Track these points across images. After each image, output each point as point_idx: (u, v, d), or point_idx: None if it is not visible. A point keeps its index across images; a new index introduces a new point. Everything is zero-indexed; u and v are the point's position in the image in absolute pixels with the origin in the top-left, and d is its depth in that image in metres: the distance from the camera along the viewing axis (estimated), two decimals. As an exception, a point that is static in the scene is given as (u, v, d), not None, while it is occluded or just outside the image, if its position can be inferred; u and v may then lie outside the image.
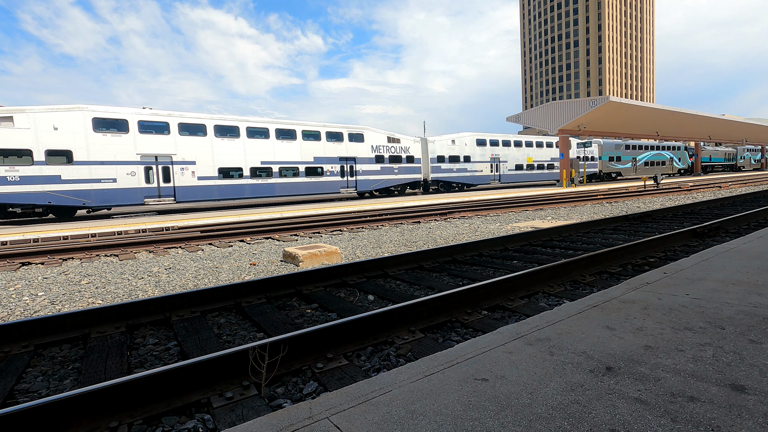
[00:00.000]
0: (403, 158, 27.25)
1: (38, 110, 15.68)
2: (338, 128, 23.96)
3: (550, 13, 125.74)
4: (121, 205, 17.69)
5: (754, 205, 13.26)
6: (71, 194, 16.28)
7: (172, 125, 18.40)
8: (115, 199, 17.35)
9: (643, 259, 5.78)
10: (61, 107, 16.15)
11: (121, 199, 17.50)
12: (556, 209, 14.94)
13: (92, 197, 16.81)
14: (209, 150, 19.39)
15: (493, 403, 1.63)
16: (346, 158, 24.19)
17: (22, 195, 15.42)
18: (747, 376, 1.76)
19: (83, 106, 16.55)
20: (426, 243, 8.43)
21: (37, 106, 15.69)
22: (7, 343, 3.40)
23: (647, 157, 43.29)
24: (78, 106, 16.48)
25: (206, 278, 5.98)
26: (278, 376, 2.72)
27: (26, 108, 15.45)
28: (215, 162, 19.59)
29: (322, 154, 23.23)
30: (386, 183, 26.46)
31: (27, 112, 15.48)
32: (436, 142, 29.24)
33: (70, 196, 16.26)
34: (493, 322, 3.57)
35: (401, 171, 27.15)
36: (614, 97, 25.75)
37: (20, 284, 5.98)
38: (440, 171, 29.32)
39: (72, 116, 16.23)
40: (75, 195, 16.36)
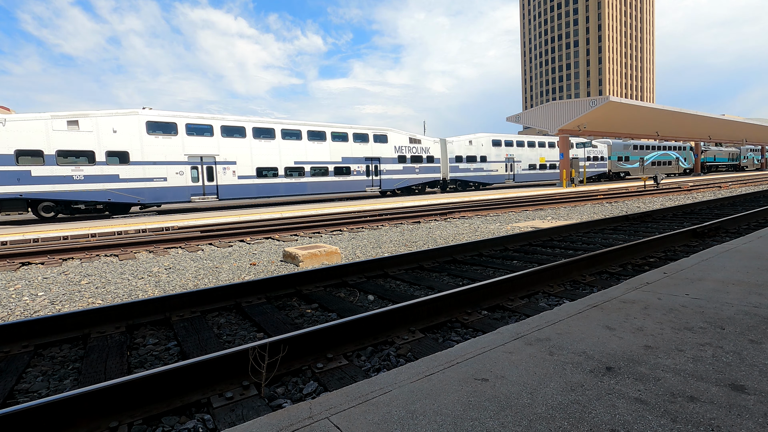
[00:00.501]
0: (424, 158, 28.27)
1: (100, 114, 17.03)
2: (364, 130, 25.15)
3: (550, 13, 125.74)
4: (170, 202, 18.84)
5: (754, 205, 13.26)
6: (128, 192, 17.61)
7: (215, 128, 19.71)
8: (165, 196, 18.61)
9: (643, 259, 5.78)
10: (119, 111, 17.53)
11: (171, 197, 18.73)
12: (556, 209, 14.94)
13: (146, 195, 18.10)
14: (248, 151, 20.63)
15: (493, 403, 1.63)
16: (371, 158, 25.35)
17: (86, 193, 16.79)
18: (747, 376, 1.76)
19: (138, 111, 17.93)
20: (426, 243, 8.43)
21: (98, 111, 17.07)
22: (7, 343, 3.40)
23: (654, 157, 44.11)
24: (134, 110, 17.85)
25: (206, 278, 5.98)
26: (278, 376, 2.72)
27: (89, 112, 16.81)
28: (253, 162, 20.79)
29: (350, 154, 24.40)
30: (408, 182, 27.45)
31: (90, 117, 16.80)
32: (454, 143, 30.08)
33: (126, 193, 17.58)
34: (493, 322, 3.57)
35: (422, 170, 28.14)
36: (614, 97, 25.75)
37: (20, 284, 5.98)
38: (458, 170, 30.23)
39: (129, 120, 17.57)
40: (131, 193, 17.70)
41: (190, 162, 19.00)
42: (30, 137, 15.76)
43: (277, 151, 21.56)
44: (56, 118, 16.11)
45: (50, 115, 16.05)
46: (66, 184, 16.36)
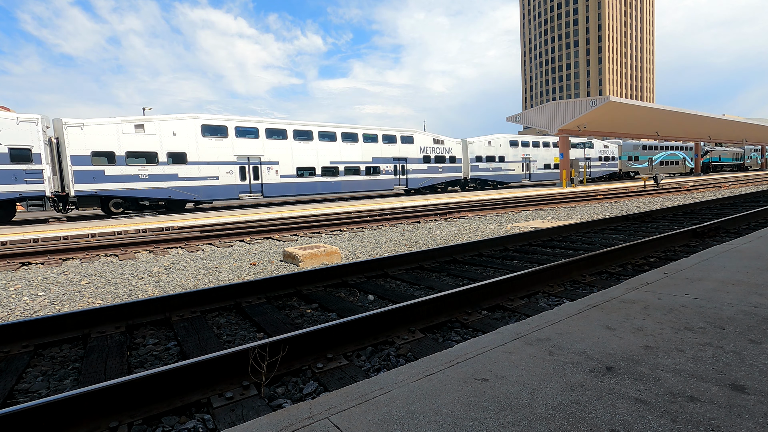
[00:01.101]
0: (447, 158, 29.61)
1: (162, 119, 18.59)
2: (392, 131, 26.61)
3: (550, 13, 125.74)
4: (221, 199, 20.19)
5: (754, 205, 13.26)
6: (185, 190, 19.08)
7: (260, 130, 21.16)
8: (217, 194, 20.00)
9: (643, 259, 5.78)
10: (178, 116, 19.06)
11: (222, 194, 20.11)
12: (556, 209, 14.94)
13: (200, 193, 19.54)
14: (289, 152, 22.16)
15: (493, 403, 1.63)
16: (399, 158, 26.77)
17: (151, 190, 18.29)
18: (747, 376, 1.76)
19: (195, 115, 19.45)
20: (426, 243, 8.43)
21: (161, 116, 18.70)
22: (7, 343, 3.40)
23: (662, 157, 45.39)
24: (191, 114, 19.42)
25: (206, 278, 5.98)
26: (278, 376, 2.72)
27: (153, 117, 18.38)
28: (294, 162, 22.32)
29: (379, 154, 25.89)
30: (432, 181, 28.72)
31: (154, 121, 18.34)
32: (474, 144, 31.33)
33: (184, 191, 19.07)
34: (493, 322, 3.57)
35: (445, 170, 29.51)
36: (614, 97, 25.74)
37: (20, 284, 5.98)
38: (478, 170, 31.52)
39: (186, 123, 19.09)
40: (188, 191, 19.16)
41: (238, 162, 20.44)
42: (103, 140, 17.19)
43: (315, 152, 23.05)
44: (125, 122, 17.67)
45: (120, 119, 17.61)
46: (133, 182, 17.89)
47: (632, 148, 42.40)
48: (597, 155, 39.37)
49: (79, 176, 16.71)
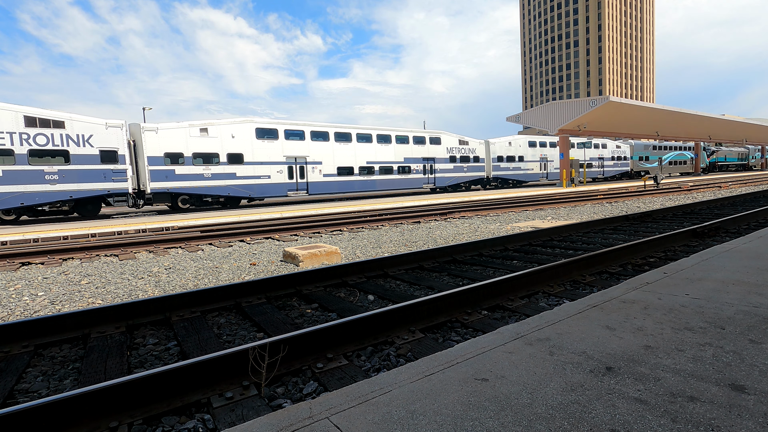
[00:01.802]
0: (471, 158, 31.32)
1: (222, 123, 20.34)
2: (422, 133, 28.41)
3: (550, 13, 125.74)
4: (271, 196, 22.02)
5: (754, 205, 13.26)
6: (242, 188, 20.85)
7: (306, 133, 22.96)
8: (268, 191, 21.80)
9: (643, 259, 5.78)
10: (235, 120, 20.85)
11: (272, 192, 21.92)
12: (556, 209, 14.94)
13: (254, 190, 21.36)
14: (331, 152, 23.93)
15: (493, 403, 1.63)
16: (428, 158, 28.51)
17: (213, 188, 20.04)
18: (747, 376, 1.76)
19: (250, 119, 21.27)
20: (426, 243, 8.43)
21: (221, 120, 20.47)
22: (7, 343, 3.40)
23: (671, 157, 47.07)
24: (247, 118, 21.23)
25: (206, 278, 5.98)
26: (278, 376, 2.72)
27: (214, 121, 20.12)
28: (335, 162, 24.11)
29: (410, 155, 27.65)
30: (457, 180, 30.45)
31: (215, 125, 20.08)
32: (496, 144, 32.88)
33: (241, 189, 20.85)
34: (493, 322, 3.57)
35: (469, 169, 31.26)
36: (614, 97, 25.74)
37: (20, 284, 5.98)
38: (499, 169, 33.11)
39: (243, 127, 20.89)
40: (244, 188, 20.96)
41: (287, 162, 22.30)
42: (174, 142, 18.94)
43: (353, 152, 24.88)
44: (192, 126, 19.48)
45: (188, 124, 19.41)
46: (198, 180, 19.66)
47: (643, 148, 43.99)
48: (610, 155, 41.30)
49: (154, 175, 18.52)
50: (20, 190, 15.61)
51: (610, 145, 41.26)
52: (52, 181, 16.14)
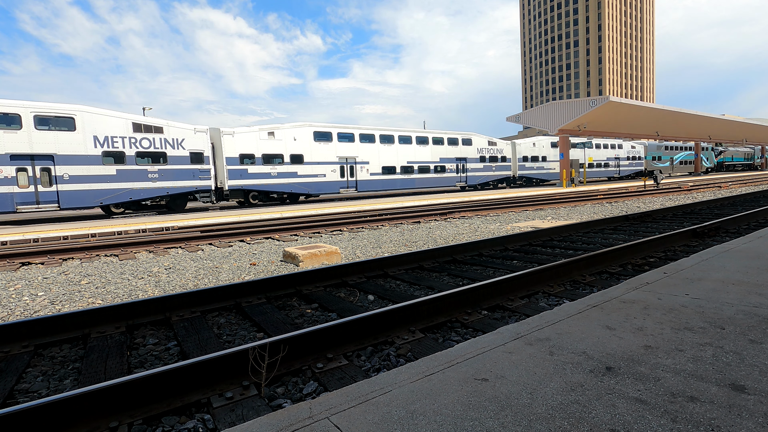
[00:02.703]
0: (499, 158, 33.38)
1: (286, 127, 22.79)
2: (455, 135, 30.50)
3: (550, 13, 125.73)
4: (326, 193, 24.35)
5: (754, 205, 13.26)
6: (302, 185, 23.28)
7: (355, 135, 25.29)
8: (324, 189, 24.09)
9: (643, 259, 5.78)
10: (296, 124, 23.19)
11: (327, 189, 24.22)
12: (556, 209, 14.94)
13: (312, 188, 23.70)
14: (377, 153, 26.23)
15: (493, 403, 1.63)
16: (460, 158, 30.64)
17: (278, 185, 22.56)
18: (747, 376, 1.76)
19: (309, 123, 23.73)
20: (426, 243, 8.43)
21: (285, 124, 22.82)
22: (7, 343, 3.40)
23: (682, 157, 49.41)
24: (307, 123, 23.62)
25: (206, 278, 5.98)
26: (278, 376, 2.72)
27: (279, 125, 22.57)
28: (380, 162, 26.43)
29: (445, 155, 29.76)
30: (487, 178, 32.57)
31: (280, 129, 22.53)
32: (521, 145, 34.82)
33: (301, 186, 23.28)
34: (493, 322, 3.57)
35: (497, 168, 33.35)
36: (614, 97, 25.74)
37: (20, 284, 5.98)
38: (524, 168, 35.15)
39: (303, 130, 23.25)
40: (304, 186, 23.39)
41: (339, 162, 24.60)
42: (247, 144, 21.30)
43: (395, 153, 27.20)
44: (261, 130, 21.87)
45: (258, 128, 21.75)
46: (266, 179, 22.05)
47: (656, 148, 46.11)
48: (626, 155, 43.32)
49: (231, 174, 20.85)
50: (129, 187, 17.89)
51: (626, 146, 43.04)
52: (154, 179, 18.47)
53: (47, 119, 16.04)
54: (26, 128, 15.59)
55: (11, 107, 15.34)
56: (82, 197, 16.84)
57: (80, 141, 16.70)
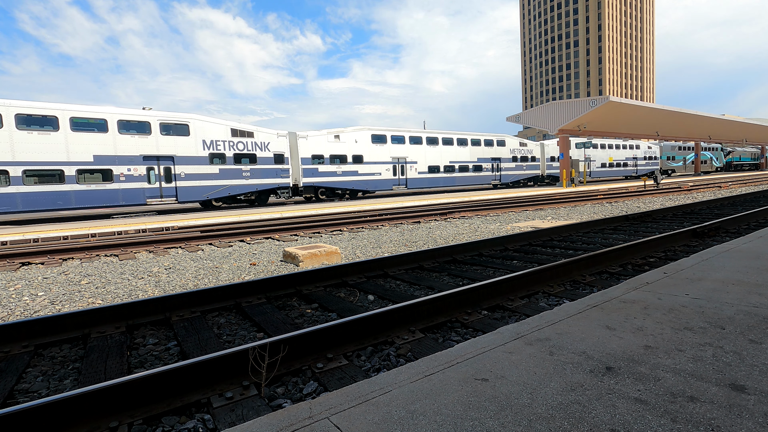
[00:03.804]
0: (529, 158, 35.82)
1: (348, 131, 25.44)
2: (490, 136, 33.12)
3: (550, 13, 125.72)
4: (380, 190, 26.98)
5: (754, 205, 13.26)
6: (361, 183, 25.98)
7: (406, 137, 28.02)
8: (379, 186, 26.81)
9: (643, 259, 5.78)
10: (357, 128, 25.91)
11: (382, 186, 26.94)
12: (556, 209, 14.94)
13: (370, 185, 26.42)
14: (423, 154, 28.89)
15: (493, 403, 1.63)
16: (495, 158, 33.27)
17: (342, 182, 25.10)
18: (747, 376, 1.76)
19: (368, 127, 26.29)
20: (426, 243, 8.43)
21: (347, 128, 25.49)
22: (7, 343, 3.40)
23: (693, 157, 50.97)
24: (366, 126, 26.19)
25: (206, 278, 5.98)
26: (278, 376, 2.72)
27: (343, 129, 25.23)
28: (427, 162, 29.01)
29: (482, 155, 32.38)
30: (518, 177, 35.04)
31: (344, 132, 25.23)
32: (549, 146, 37.00)
33: (361, 184, 25.98)
34: (493, 322, 3.57)
35: (528, 168, 35.74)
36: (614, 97, 25.73)
37: (20, 284, 5.98)
38: (552, 168, 37.45)
39: (362, 133, 26.01)
40: (363, 184, 26.13)
41: (392, 162, 27.31)
42: (318, 146, 24.05)
43: (439, 154, 29.74)
44: (329, 133, 24.62)
45: (326, 131, 24.54)
46: (333, 177, 24.69)
47: (670, 148, 48.60)
48: (643, 155, 45.69)
49: (305, 172, 23.62)
50: (229, 183, 20.79)
51: (643, 146, 45.40)
52: (246, 177, 21.32)
53: (168, 126, 18.99)
54: (154, 134, 18.56)
55: (142, 116, 18.31)
56: (194, 192, 19.71)
57: (193, 144, 19.62)
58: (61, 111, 16.59)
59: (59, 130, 16.56)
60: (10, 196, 15.82)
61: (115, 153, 17.67)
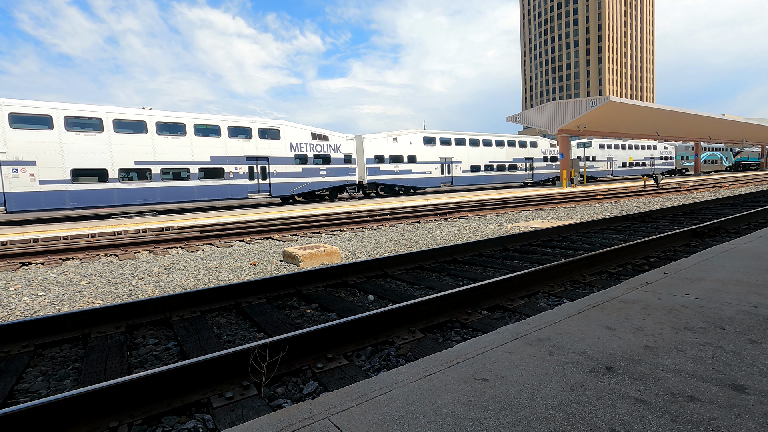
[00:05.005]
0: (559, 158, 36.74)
1: (404, 133, 28.26)
2: (524, 138, 36.27)
3: (550, 13, 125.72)
4: (430, 187, 29.81)
5: (754, 205, 13.26)
6: (414, 180, 28.69)
7: (452, 139, 30.87)
8: (429, 184, 29.43)
9: (643, 259, 5.78)
10: (411, 131, 28.82)
11: (431, 184, 29.59)
12: (556, 209, 14.94)
13: (421, 183, 29.06)
14: (466, 154, 31.87)
15: (493, 403, 1.63)
16: (528, 158, 36.20)
17: (398, 180, 27.88)
18: (747, 376, 1.76)
19: (421, 130, 29.35)
20: (426, 243, 8.43)
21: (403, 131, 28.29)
22: (7, 343, 3.40)
23: (705, 156, 54.26)
24: (419, 129, 29.17)
25: (206, 278, 5.98)
26: (278, 376, 2.72)
27: (400, 132, 28.13)
28: (469, 161, 31.94)
29: (517, 155, 35.34)
30: (548, 175, 37.94)
31: (401, 135, 28.04)
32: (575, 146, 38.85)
33: (414, 181, 28.64)
34: (493, 322, 3.57)
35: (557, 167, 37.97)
36: (614, 97, 25.73)
37: (20, 284, 5.98)
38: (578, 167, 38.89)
39: (416, 136, 28.87)
40: (415, 181, 28.71)
41: (440, 162, 30.08)
42: (379, 148, 26.91)
43: (480, 154, 32.71)
44: (389, 136, 27.45)
45: (386, 134, 27.38)
46: (392, 175, 27.56)
47: (684, 149, 51.28)
48: (659, 155, 48.44)
49: (369, 171, 26.40)
50: (310, 181, 23.72)
51: (660, 147, 48.20)
52: (323, 175, 24.16)
53: (265, 131, 22.02)
54: (254, 138, 21.67)
55: (245, 123, 21.32)
56: (283, 188, 22.76)
57: (283, 147, 22.66)
58: (188, 119, 19.69)
59: (186, 135, 19.64)
60: (152, 190, 18.79)
61: (226, 154, 20.77)
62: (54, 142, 16.62)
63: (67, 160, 16.88)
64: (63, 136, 16.77)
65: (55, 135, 16.63)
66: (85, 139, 17.25)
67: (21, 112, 16.05)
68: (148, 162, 18.60)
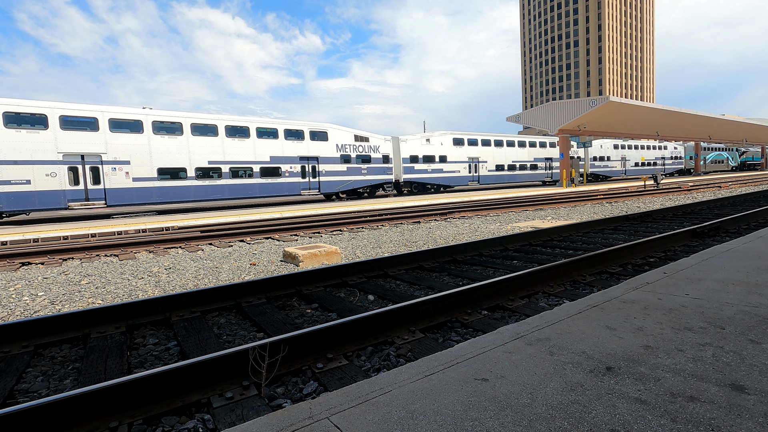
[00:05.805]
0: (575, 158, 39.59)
1: (436, 135, 30.28)
2: (545, 139, 38.47)
3: (550, 13, 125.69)
4: (458, 185, 31.50)
5: (754, 205, 13.26)
6: (445, 179, 30.52)
7: (478, 140, 32.98)
8: (458, 182, 31.41)
9: (643, 259, 5.78)
10: (442, 132, 30.78)
11: (459, 182, 31.54)
12: (556, 209, 14.94)
13: (451, 181, 30.88)
14: (491, 154, 33.96)
15: (493, 403, 1.63)
16: (547, 158, 38.54)
17: (432, 179, 29.77)
18: (747, 376, 1.76)
19: (451, 132, 31.22)
20: (426, 243, 8.42)
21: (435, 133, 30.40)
22: (7, 343, 3.40)
23: (713, 157, 56.50)
24: (449, 131, 31.14)
25: (206, 278, 5.98)
26: (278, 376, 2.72)
27: (432, 134, 30.16)
28: (494, 161, 34.06)
29: (537, 155, 37.56)
30: None
31: (433, 136, 30.02)
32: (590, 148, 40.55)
33: (444, 180, 30.47)
34: (493, 322, 3.57)
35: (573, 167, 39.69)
36: (614, 97, 25.73)
37: (20, 284, 5.98)
38: (594, 167, 42.09)
39: (446, 137, 30.82)
40: (446, 180, 30.52)
41: (468, 161, 32.09)
42: (414, 148, 28.83)
43: (504, 154, 34.77)
44: (422, 137, 29.46)
45: (420, 135, 29.37)
46: (425, 173, 29.43)
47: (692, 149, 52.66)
48: (670, 155, 50.63)
49: (405, 170, 28.34)
50: (353, 179, 25.66)
51: (670, 147, 50.36)
52: (364, 174, 26.11)
53: (315, 133, 23.94)
54: (306, 139, 23.67)
55: (298, 126, 23.34)
56: (330, 185, 24.64)
57: (330, 147, 24.55)
58: (250, 122, 21.70)
59: (250, 137, 21.83)
60: (222, 187, 20.84)
61: (283, 154, 22.85)
62: (144, 144, 18.79)
63: (155, 160, 19.06)
64: (151, 138, 18.99)
65: (145, 138, 18.82)
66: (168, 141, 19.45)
67: (118, 118, 18.22)
68: (219, 161, 20.80)
